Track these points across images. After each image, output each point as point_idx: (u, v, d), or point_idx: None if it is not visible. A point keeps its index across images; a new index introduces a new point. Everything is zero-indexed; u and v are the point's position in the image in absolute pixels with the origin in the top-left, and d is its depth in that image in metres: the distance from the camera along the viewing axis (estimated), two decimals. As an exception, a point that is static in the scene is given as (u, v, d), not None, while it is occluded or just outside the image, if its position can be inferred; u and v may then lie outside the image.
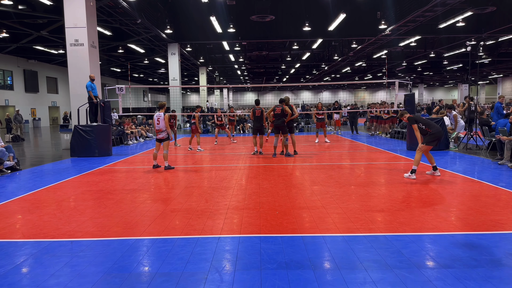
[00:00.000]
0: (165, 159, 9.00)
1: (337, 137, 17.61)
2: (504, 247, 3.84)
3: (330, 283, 3.14)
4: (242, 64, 37.34)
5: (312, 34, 23.13)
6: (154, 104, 61.07)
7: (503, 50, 31.50)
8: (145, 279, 3.27)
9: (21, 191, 6.88)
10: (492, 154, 10.12)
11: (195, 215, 5.10)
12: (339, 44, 30.12)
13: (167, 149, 9.07)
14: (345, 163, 9.61)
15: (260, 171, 8.56)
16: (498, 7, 19.10)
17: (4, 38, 23.67)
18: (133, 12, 16.95)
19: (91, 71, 13.09)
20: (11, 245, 4.14)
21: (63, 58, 30.09)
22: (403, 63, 37.94)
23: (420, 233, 4.27)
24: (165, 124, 9.00)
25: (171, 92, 26.91)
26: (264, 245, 3.98)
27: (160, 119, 9.01)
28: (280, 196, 6.07)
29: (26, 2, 17.08)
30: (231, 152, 12.31)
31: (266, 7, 20.02)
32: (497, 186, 6.51)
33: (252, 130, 11.70)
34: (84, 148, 11.55)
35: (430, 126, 7.28)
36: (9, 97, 30.41)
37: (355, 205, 5.47)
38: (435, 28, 21.68)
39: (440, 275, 3.23)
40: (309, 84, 29.31)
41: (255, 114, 11.31)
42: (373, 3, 20.70)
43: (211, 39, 24.20)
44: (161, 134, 9.05)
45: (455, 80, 55.49)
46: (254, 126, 11.53)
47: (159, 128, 9.05)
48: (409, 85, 12.89)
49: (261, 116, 11.30)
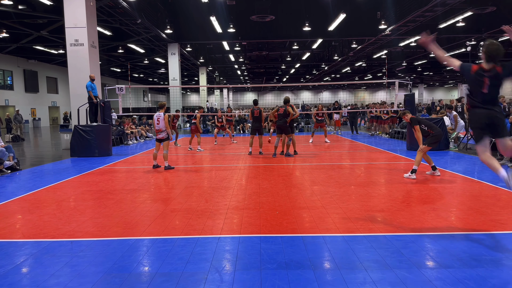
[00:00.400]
0: (165, 159, 9.00)
1: (337, 137, 17.62)
2: (504, 247, 3.84)
3: (330, 283, 3.14)
4: (242, 64, 37.34)
5: (312, 34, 23.13)
6: (154, 104, 61.08)
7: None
8: (145, 279, 3.27)
9: (21, 191, 6.88)
10: (492, 154, 10.10)
11: (195, 215, 5.10)
12: (339, 44, 30.12)
13: (167, 149, 9.07)
14: (345, 163, 9.61)
15: (260, 171, 8.56)
16: (498, 7, 19.10)
17: (4, 38, 23.68)
18: (133, 12, 16.96)
19: (91, 71, 13.09)
20: (11, 245, 4.14)
21: (63, 58, 30.08)
22: (403, 63, 37.95)
23: (420, 233, 4.27)
24: (165, 124, 9.00)
25: (171, 92, 26.92)
26: (264, 245, 3.98)
27: (160, 119, 9.01)
28: (280, 196, 6.07)
29: (26, 2, 17.08)
30: (231, 152, 12.31)
31: (266, 7, 20.02)
32: (497, 186, 6.51)
33: (251, 130, 11.70)
34: (84, 148, 11.55)
35: (432, 128, 7.32)
36: (9, 97, 30.42)
37: (355, 205, 5.47)
38: (435, 28, 21.65)
39: (440, 275, 3.23)
40: (309, 84, 29.31)
41: (253, 114, 11.31)
42: (373, 3, 20.70)
43: (211, 39, 24.21)
44: (161, 134, 9.05)
45: (455, 80, 55.52)
46: (253, 126, 11.52)
47: (159, 128, 9.05)
48: (409, 85, 12.89)
49: (260, 116, 11.29)
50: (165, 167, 8.92)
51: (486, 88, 4.14)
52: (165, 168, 8.90)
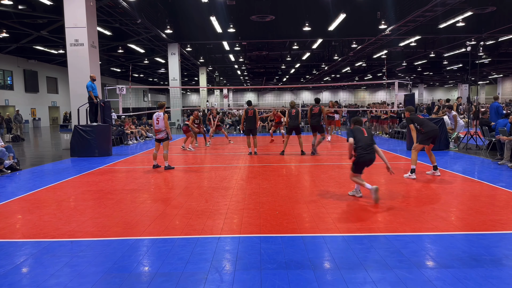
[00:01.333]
0: (165, 159, 8.99)
1: (337, 137, 17.61)
2: (504, 247, 3.84)
3: (330, 283, 3.14)
4: (242, 64, 37.33)
5: (312, 34, 23.12)
6: (154, 104, 61.06)
7: (503, 50, 31.49)
8: (145, 279, 3.27)
9: (21, 191, 6.88)
10: (492, 154, 10.12)
11: (195, 215, 5.10)
12: (339, 44, 30.11)
13: (167, 149, 9.07)
14: (345, 163, 9.60)
15: (260, 171, 8.56)
16: (498, 7, 19.09)
17: (4, 38, 23.66)
18: (133, 12, 16.95)
19: (91, 71, 13.09)
20: (11, 245, 4.14)
21: (63, 58, 30.07)
22: (403, 63, 37.93)
23: (420, 233, 4.28)
24: (165, 124, 9.00)
25: (171, 92, 26.90)
26: (264, 245, 3.98)
27: (159, 118, 9.00)
28: (280, 196, 6.07)
29: (26, 2, 17.07)
30: (231, 152, 12.31)
31: (266, 7, 20.02)
32: (497, 186, 6.51)
33: (245, 131, 11.57)
34: (84, 148, 11.54)
35: (424, 126, 7.31)
36: (9, 97, 30.40)
37: (355, 205, 5.47)
38: (435, 28, 21.68)
39: (440, 275, 3.23)
40: (309, 85, 29.28)
41: (247, 114, 11.25)
42: (373, 3, 20.69)
43: (211, 39, 24.20)
44: (160, 134, 9.04)
45: (455, 80, 55.48)
46: (246, 127, 11.41)
47: (158, 128, 9.04)
48: (409, 85, 12.90)
49: (254, 116, 11.21)
50: (165, 167, 8.92)
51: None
52: (165, 168, 8.90)
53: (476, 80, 22.37)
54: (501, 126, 9.61)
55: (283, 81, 53.32)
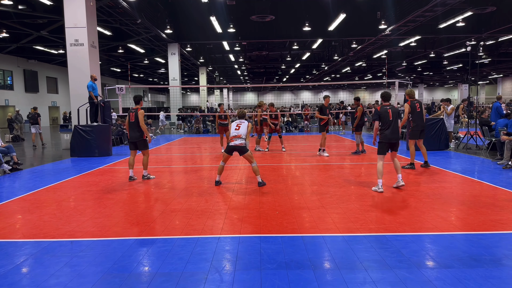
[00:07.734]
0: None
1: (338, 137, 17.60)
2: (504, 247, 3.84)
3: (330, 283, 3.14)
4: (242, 64, 37.33)
5: (312, 34, 23.13)
6: (154, 104, 61.08)
7: (503, 50, 31.48)
8: (145, 279, 3.27)
9: (21, 191, 6.88)
10: (492, 154, 10.11)
11: (195, 215, 5.10)
12: (339, 44, 30.11)
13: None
14: (345, 163, 9.61)
15: (260, 171, 8.54)
16: (498, 7, 19.09)
17: (4, 38, 23.67)
18: (133, 12, 16.95)
19: (91, 71, 13.09)
20: (11, 245, 4.14)
21: (63, 58, 30.08)
22: (403, 63, 37.93)
23: (420, 233, 4.28)
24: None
25: (171, 92, 26.92)
26: (264, 245, 3.98)
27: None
28: (280, 196, 6.06)
29: (26, 2, 17.08)
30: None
31: (266, 7, 20.02)
32: (497, 186, 6.51)
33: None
34: (84, 148, 11.54)
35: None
36: (9, 97, 30.40)
37: (355, 205, 5.47)
38: (435, 28, 21.67)
39: (440, 275, 3.23)
40: (309, 84, 29.30)
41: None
42: (373, 3, 20.69)
43: (211, 39, 24.20)
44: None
45: (455, 80, 55.48)
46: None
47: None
48: (409, 85, 12.89)
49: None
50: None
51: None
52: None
53: (476, 80, 22.37)
54: (501, 126, 9.62)
55: (283, 81, 53.31)
